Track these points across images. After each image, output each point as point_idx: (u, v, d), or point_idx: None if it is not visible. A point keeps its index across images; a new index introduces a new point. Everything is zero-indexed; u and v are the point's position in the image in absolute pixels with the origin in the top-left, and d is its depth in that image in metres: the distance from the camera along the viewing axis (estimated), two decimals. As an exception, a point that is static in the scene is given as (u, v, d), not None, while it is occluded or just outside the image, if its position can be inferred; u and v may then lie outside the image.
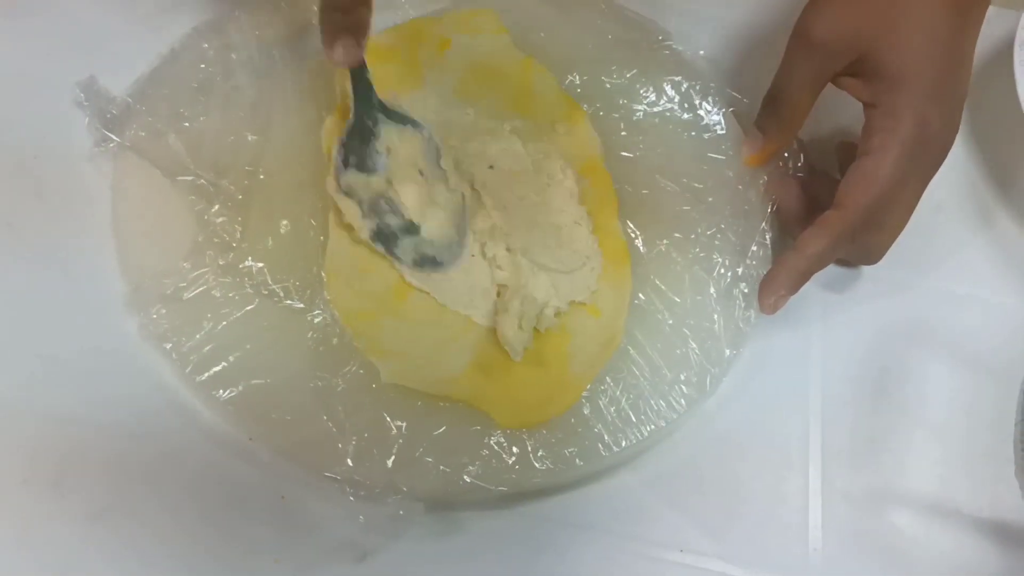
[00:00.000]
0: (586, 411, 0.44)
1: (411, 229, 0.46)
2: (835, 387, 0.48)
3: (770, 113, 0.48)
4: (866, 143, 0.45)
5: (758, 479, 0.46)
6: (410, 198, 0.46)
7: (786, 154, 0.51)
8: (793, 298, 0.47)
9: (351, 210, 0.45)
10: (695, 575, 0.43)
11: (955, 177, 0.55)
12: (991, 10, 0.58)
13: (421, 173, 0.47)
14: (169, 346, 0.42)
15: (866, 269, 0.51)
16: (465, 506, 0.44)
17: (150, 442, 0.42)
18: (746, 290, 0.48)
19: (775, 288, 0.45)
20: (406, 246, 0.46)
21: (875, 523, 0.45)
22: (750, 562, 0.44)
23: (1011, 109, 0.52)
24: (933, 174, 0.46)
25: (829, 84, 0.47)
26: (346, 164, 0.46)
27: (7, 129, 0.48)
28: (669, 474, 0.45)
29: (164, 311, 0.43)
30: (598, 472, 0.44)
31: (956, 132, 0.45)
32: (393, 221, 0.46)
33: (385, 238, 0.45)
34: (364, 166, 0.46)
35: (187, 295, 0.43)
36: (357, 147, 0.46)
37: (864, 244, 0.47)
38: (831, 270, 0.51)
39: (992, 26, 0.56)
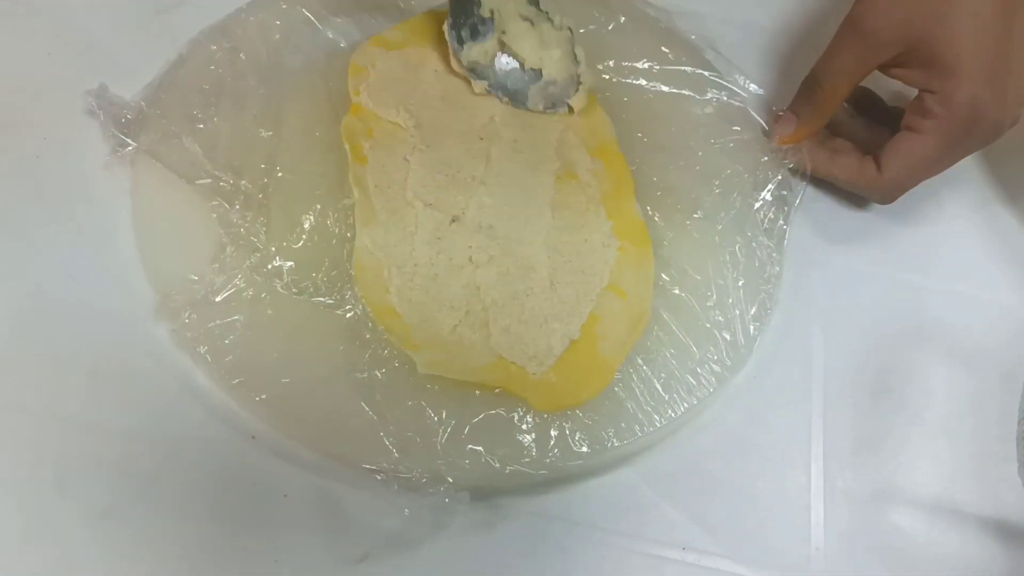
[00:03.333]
0: (620, 392, 0.45)
1: (535, 77, 0.50)
2: (837, 386, 0.49)
3: (807, 98, 0.51)
4: (918, 121, 0.47)
5: (760, 477, 0.46)
6: (525, 48, 0.50)
7: None
8: (795, 297, 0.50)
9: (481, 86, 0.50)
10: (698, 573, 0.43)
11: (958, 176, 0.55)
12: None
13: (527, 19, 0.50)
14: (203, 349, 0.42)
15: (868, 270, 0.52)
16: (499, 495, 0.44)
17: (152, 444, 0.42)
18: (767, 263, 0.49)
19: (790, 140, 0.51)
20: (534, 95, 0.50)
21: (877, 522, 0.46)
22: (753, 560, 0.44)
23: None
24: (978, 150, 0.49)
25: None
26: (460, 42, 0.49)
27: (18, 138, 0.47)
28: (672, 472, 0.45)
29: (195, 315, 0.42)
30: (606, 465, 0.45)
31: (1014, 115, 0.47)
32: (517, 75, 0.50)
33: (515, 95, 0.50)
34: (476, 35, 0.50)
35: (217, 298, 0.43)
36: (463, 22, 0.49)
37: (886, 193, 0.51)
38: (834, 272, 0.52)
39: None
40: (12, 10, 0.50)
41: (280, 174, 0.46)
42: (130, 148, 0.46)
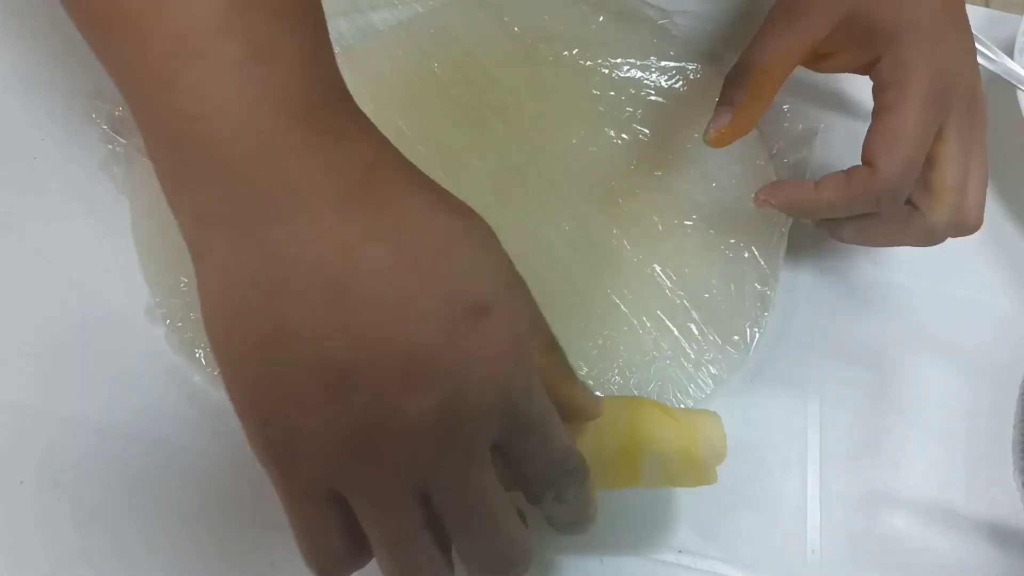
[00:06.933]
0: (616, 394, 0.45)
1: None
2: (833, 389, 0.49)
3: (738, 84, 0.45)
4: (881, 101, 0.43)
5: (756, 481, 0.46)
6: None
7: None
8: (792, 300, 0.49)
9: None
10: (693, 576, 0.44)
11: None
12: (992, 14, 0.59)
13: None
14: (200, 351, 0.42)
15: (865, 273, 0.52)
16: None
17: (148, 445, 0.42)
18: (765, 265, 0.49)
19: (771, 195, 0.45)
20: None
21: (873, 525, 0.46)
22: (748, 564, 0.44)
23: (1011, 113, 0.53)
24: (977, 125, 0.44)
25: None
26: None
27: (16, 139, 0.47)
28: (667, 476, 0.45)
29: (192, 317, 0.42)
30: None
31: (975, 76, 0.44)
32: None
33: None
34: None
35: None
36: None
37: (891, 191, 0.43)
38: (831, 275, 0.52)
39: (993, 30, 0.57)
40: (10, 10, 0.50)
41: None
42: (120, 146, 0.46)
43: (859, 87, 0.56)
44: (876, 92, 0.44)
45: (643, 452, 0.37)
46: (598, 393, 0.37)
